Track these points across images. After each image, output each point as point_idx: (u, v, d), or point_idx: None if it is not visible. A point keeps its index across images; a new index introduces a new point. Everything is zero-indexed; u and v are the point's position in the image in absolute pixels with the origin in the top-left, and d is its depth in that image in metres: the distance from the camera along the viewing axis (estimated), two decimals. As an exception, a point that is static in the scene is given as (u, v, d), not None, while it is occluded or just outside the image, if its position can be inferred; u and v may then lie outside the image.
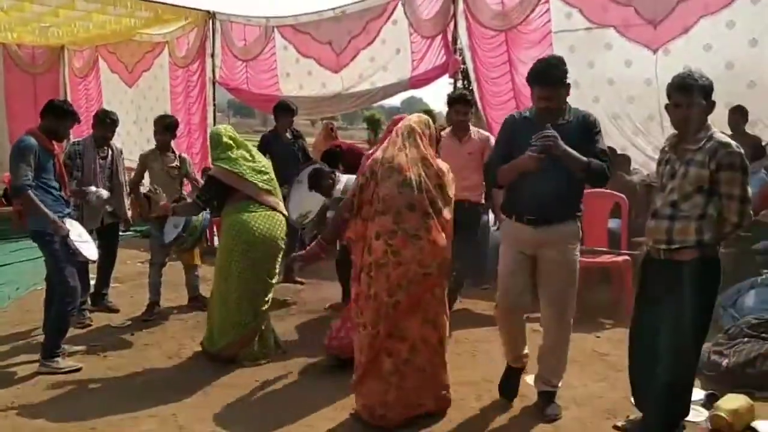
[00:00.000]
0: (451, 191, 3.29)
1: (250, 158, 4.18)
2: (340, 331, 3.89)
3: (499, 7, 6.83)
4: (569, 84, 3.13)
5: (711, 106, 2.73)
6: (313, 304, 5.48)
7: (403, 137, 3.23)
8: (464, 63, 7.38)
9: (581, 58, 6.39)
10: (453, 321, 4.82)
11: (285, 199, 4.65)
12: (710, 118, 2.78)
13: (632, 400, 3.18)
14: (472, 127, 5.18)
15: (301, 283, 6.09)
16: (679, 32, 5.79)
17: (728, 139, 2.69)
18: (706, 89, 2.68)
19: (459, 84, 7.71)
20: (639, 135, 6.22)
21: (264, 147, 5.84)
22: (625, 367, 3.87)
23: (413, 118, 3.36)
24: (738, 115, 5.47)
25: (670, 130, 6.06)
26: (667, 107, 2.84)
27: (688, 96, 2.66)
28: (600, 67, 6.38)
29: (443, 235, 3.18)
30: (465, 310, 5.24)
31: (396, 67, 7.84)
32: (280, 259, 4.24)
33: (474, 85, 7.34)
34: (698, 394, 3.48)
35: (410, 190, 3.09)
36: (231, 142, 4.16)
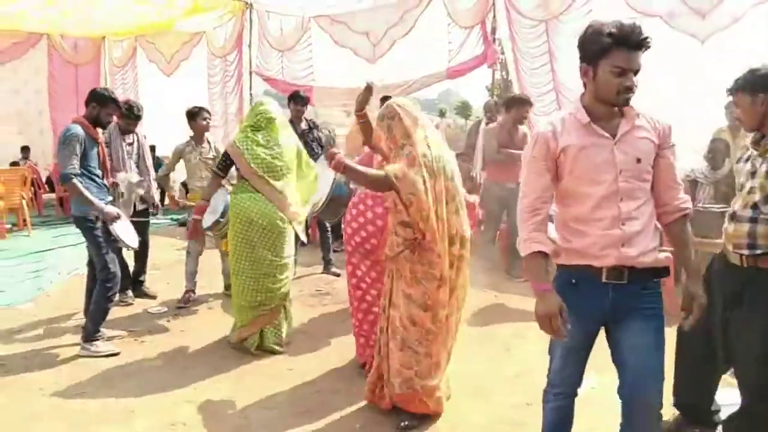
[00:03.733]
0: None
1: (264, 143, 4.03)
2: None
3: (540, -3, 6.70)
4: None
5: None
6: (347, 296, 5.47)
7: (428, 129, 3.19)
8: (503, 53, 7.27)
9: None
10: (488, 315, 4.81)
11: None
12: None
13: (672, 399, 3.08)
14: None
15: (337, 275, 6.11)
16: (728, 23, 5.59)
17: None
18: None
19: (497, 75, 7.61)
20: (684, 126, 6.02)
21: None
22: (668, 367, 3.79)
23: (410, 104, 3.23)
24: (734, 109, 5.37)
25: (717, 125, 5.95)
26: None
27: (753, 94, 2.53)
28: (644, 57, 6.19)
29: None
30: (500, 305, 5.18)
31: (433, 58, 7.77)
32: (286, 240, 4.09)
33: (513, 76, 7.23)
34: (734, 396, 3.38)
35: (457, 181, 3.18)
36: (259, 121, 4.09)
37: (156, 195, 5.51)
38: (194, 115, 5.28)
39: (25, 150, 10.93)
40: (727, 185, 5.40)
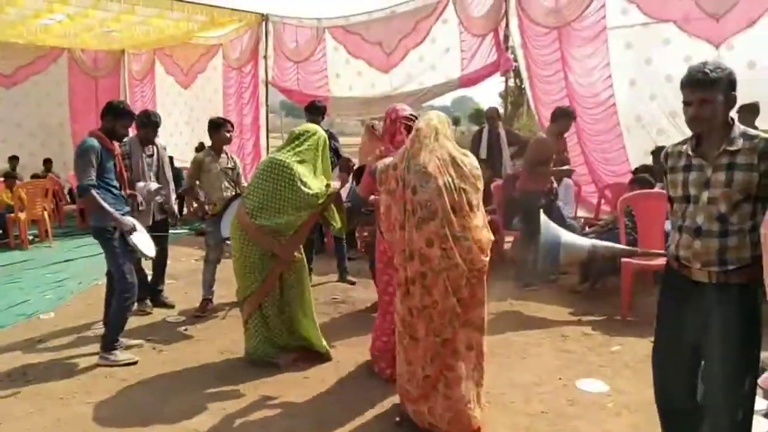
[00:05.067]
0: (481, 185, 3.18)
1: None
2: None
3: (552, 4, 6.71)
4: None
5: (732, 100, 2.31)
6: (362, 304, 5.51)
7: (430, 139, 3.11)
8: (516, 61, 7.28)
9: (638, 55, 6.22)
10: (503, 323, 4.80)
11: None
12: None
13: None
14: None
15: (353, 283, 6.14)
16: (743, 26, 5.56)
17: None
18: (724, 82, 2.27)
19: (510, 82, 7.62)
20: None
21: None
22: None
23: (434, 118, 3.19)
24: (748, 113, 5.41)
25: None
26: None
27: (704, 92, 2.27)
28: (658, 63, 6.19)
29: (485, 231, 3.09)
30: (515, 312, 5.16)
31: (445, 67, 7.81)
32: (240, 254, 4.02)
33: (526, 84, 7.24)
34: (760, 404, 3.34)
35: (449, 194, 3.00)
36: (289, 137, 4.19)
37: (175, 205, 5.57)
38: (219, 126, 5.33)
39: (47, 162, 11.15)
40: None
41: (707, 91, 2.26)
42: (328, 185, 4.08)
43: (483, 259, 3.06)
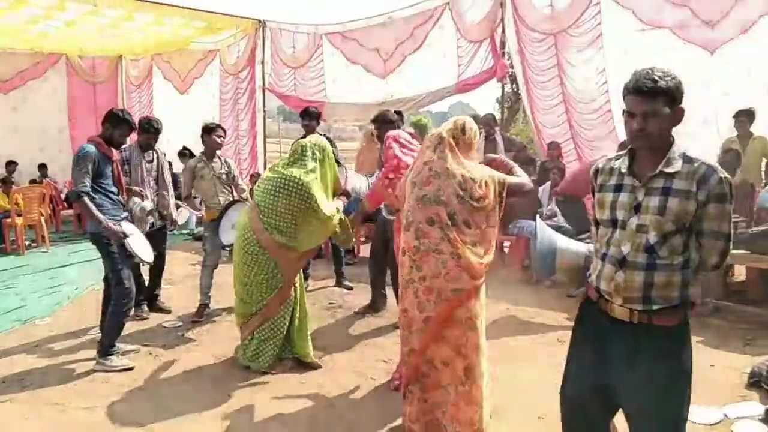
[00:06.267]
0: (488, 200, 3.00)
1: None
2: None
3: (548, 11, 6.75)
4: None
5: (679, 114, 2.02)
6: (358, 308, 5.51)
7: (431, 149, 3.10)
8: (512, 67, 7.32)
9: (634, 61, 6.22)
10: (500, 328, 4.81)
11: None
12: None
13: None
14: None
15: (350, 288, 6.14)
16: (738, 33, 5.59)
17: (714, 162, 2.02)
18: (671, 92, 1.97)
19: (507, 88, 7.66)
20: (693, 140, 6.02)
21: None
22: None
23: (446, 125, 3.17)
24: (745, 119, 5.48)
25: (726, 135, 5.95)
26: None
27: (652, 103, 1.96)
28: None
29: (475, 249, 2.96)
30: (512, 317, 5.17)
31: (442, 73, 7.85)
32: (253, 266, 3.96)
33: (522, 90, 7.27)
34: (758, 408, 3.35)
35: (429, 204, 2.97)
36: (292, 150, 4.18)
37: (174, 211, 5.57)
38: (209, 131, 5.33)
39: (43, 168, 11.14)
40: (739, 195, 5.38)
41: (656, 103, 1.96)
42: (338, 209, 4.11)
43: (462, 276, 2.93)
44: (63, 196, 11.19)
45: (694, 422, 3.24)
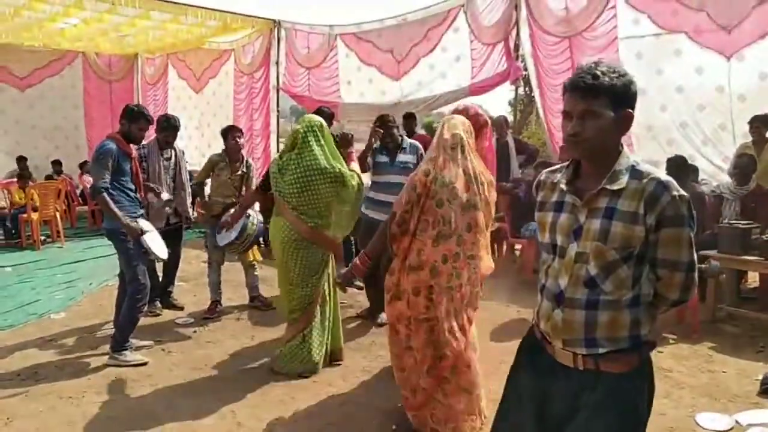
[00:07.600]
0: (492, 207, 3.17)
1: (284, 163, 4.00)
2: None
3: (563, 13, 6.72)
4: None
5: (626, 119, 1.66)
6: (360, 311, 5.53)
7: (457, 152, 3.06)
8: (526, 70, 7.30)
9: (649, 65, 6.21)
10: (509, 331, 4.80)
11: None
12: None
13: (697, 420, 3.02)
14: None
15: (360, 288, 6.15)
16: (755, 38, 5.55)
17: (668, 177, 1.64)
18: (616, 92, 1.62)
19: (520, 91, 7.63)
20: (708, 144, 5.99)
21: None
22: (689, 385, 3.75)
23: (458, 126, 3.12)
24: (760, 124, 5.45)
25: (742, 140, 5.91)
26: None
27: (584, 101, 1.63)
28: (669, 74, 6.18)
29: (488, 253, 3.14)
30: (522, 320, 5.16)
31: (456, 75, 7.84)
32: (298, 262, 3.97)
33: (536, 93, 7.25)
34: (764, 416, 3.33)
35: (468, 210, 3.01)
36: (291, 140, 4.11)
37: (190, 209, 5.62)
38: (224, 135, 5.41)
39: (57, 164, 11.26)
40: (753, 201, 5.34)
41: (596, 102, 1.62)
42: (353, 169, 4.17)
43: (480, 280, 3.07)
44: (78, 192, 11.34)
45: (706, 429, 3.24)
